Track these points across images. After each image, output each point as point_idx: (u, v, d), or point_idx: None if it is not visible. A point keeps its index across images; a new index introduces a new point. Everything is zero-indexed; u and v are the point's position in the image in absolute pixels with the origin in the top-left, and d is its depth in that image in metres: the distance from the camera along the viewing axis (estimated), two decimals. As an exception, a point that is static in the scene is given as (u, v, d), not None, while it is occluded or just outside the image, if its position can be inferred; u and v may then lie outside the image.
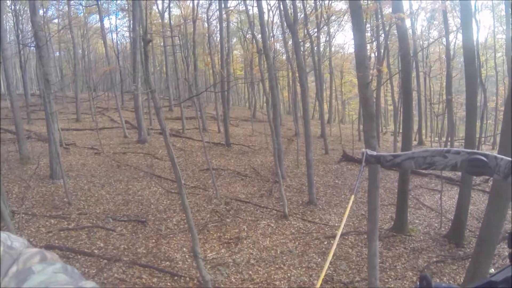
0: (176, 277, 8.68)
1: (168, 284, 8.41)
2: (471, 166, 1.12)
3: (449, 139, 23.43)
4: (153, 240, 10.55)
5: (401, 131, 16.36)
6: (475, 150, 1.15)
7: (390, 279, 9.21)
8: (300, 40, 19.50)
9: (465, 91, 12.58)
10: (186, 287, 8.38)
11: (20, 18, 30.01)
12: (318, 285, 1.30)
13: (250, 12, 23.05)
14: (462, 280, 8.74)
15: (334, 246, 1.41)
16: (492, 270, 8.42)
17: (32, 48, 25.33)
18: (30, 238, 9.70)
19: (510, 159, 1.05)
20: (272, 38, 33.54)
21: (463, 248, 10.89)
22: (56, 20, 34.49)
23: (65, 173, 13.82)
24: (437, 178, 16.62)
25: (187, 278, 8.69)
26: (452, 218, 12.04)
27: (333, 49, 39.17)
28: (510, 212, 11.84)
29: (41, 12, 24.32)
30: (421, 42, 29.59)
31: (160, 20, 30.46)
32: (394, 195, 13.98)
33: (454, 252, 10.70)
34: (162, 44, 35.08)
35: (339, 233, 1.45)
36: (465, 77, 11.87)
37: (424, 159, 1.24)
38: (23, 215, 11.04)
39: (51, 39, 23.10)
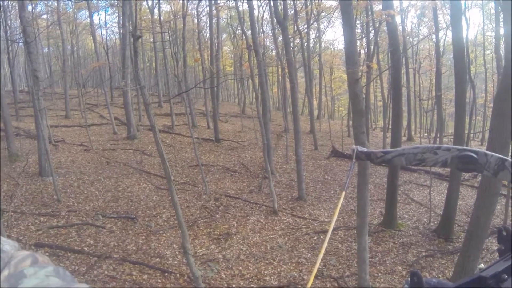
0: (166, 274, 8.70)
1: (159, 280, 8.42)
2: (462, 163, 1.13)
3: (438, 135, 23.54)
4: (143, 237, 10.55)
5: (390, 127, 16.44)
6: (465, 147, 1.16)
7: (380, 274, 9.29)
8: (290, 36, 19.50)
9: (455, 88, 12.67)
10: (176, 283, 8.39)
11: (9, 14, 29.74)
12: (309, 285, 1.31)
13: (240, 8, 22.98)
14: (451, 274, 8.82)
15: (325, 245, 1.43)
16: (482, 265, 8.50)
17: (20, 44, 25.12)
18: (19, 237, 9.67)
19: (499, 155, 1.07)
20: (262, 34, 33.47)
21: (452, 242, 11.01)
22: (45, 16, 34.27)
23: (54, 170, 13.76)
24: (426, 174, 16.74)
25: (177, 275, 8.70)
26: (441, 213, 12.17)
27: (323, 45, 39.20)
28: (499, 207, 12.03)
29: (29, 8, 24.20)
30: (411, 39, 29.72)
31: (149, 16, 30.33)
32: (384, 191, 14.08)
33: (443, 246, 10.82)
34: (151, 40, 34.89)
35: (329, 231, 1.46)
36: (455, 74, 11.93)
37: (415, 155, 1.25)
38: (12, 213, 10.99)
39: (40, 35, 22.96)
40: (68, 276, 0.75)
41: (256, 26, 21.62)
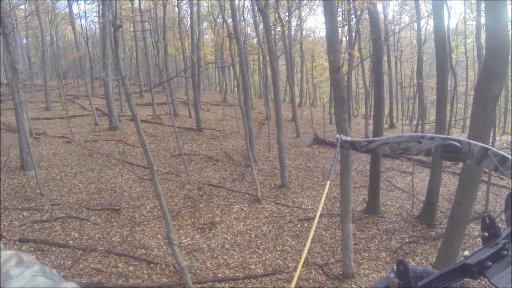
0: (152, 265, 8.73)
1: (144, 272, 8.45)
2: (445, 152, 1.15)
3: (420, 123, 23.75)
4: (128, 228, 10.54)
5: (372, 114, 16.54)
6: (449, 136, 1.19)
7: (364, 260, 9.43)
8: (271, 24, 19.48)
9: (436, 76, 12.80)
10: (162, 274, 8.42)
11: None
12: (293, 285, 1.33)
13: (221, -4, 22.83)
14: (434, 260, 8.98)
15: (311, 235, 1.46)
16: (466, 253, 8.65)
17: (-3, 35, 24.67)
18: (3, 232, 9.58)
19: (483, 144, 1.10)
20: (243, 22, 33.33)
21: (434, 228, 11.21)
22: (22, 6, 33.61)
23: (36, 164, 13.63)
24: (409, 161, 16.91)
25: (163, 265, 8.74)
26: (424, 199, 12.37)
27: (304, 33, 39.21)
28: (480, 193, 12.25)
29: (6, -2, 23.68)
30: (392, 27, 29.81)
31: (130, 5, 29.98)
32: (366, 178, 14.23)
33: (426, 232, 11.00)
34: (132, 29, 34.51)
35: (315, 221, 1.49)
36: (436, 62, 12.03)
37: (399, 144, 1.27)
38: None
39: (18, 26, 22.53)
40: (55, 275, 0.75)
41: (237, 14, 21.54)
